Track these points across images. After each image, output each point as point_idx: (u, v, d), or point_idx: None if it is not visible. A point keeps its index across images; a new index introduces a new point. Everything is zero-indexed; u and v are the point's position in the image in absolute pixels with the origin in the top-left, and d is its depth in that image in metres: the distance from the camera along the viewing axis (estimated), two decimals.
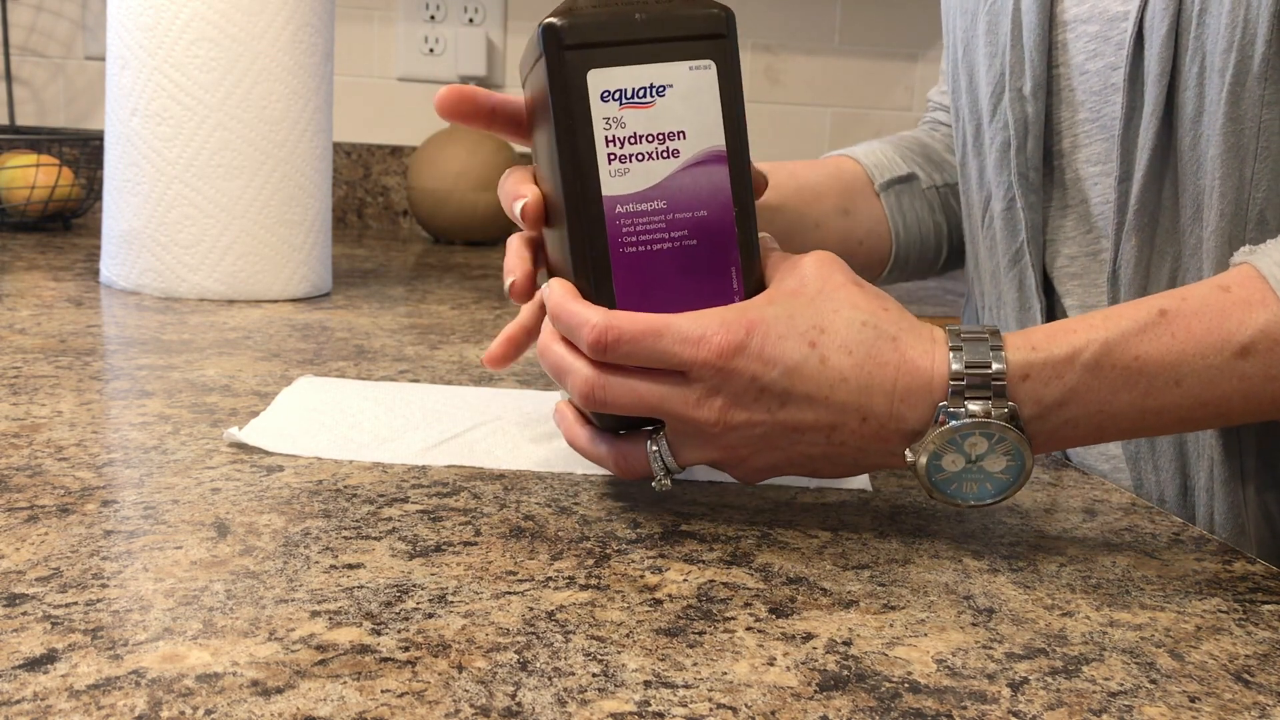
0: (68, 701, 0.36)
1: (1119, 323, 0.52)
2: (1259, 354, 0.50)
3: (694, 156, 0.54)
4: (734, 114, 0.54)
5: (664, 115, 0.53)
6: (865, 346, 0.51)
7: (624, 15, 0.53)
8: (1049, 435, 0.52)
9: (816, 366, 0.51)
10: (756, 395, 0.51)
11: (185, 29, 1.01)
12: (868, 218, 0.82)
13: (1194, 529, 0.59)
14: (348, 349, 0.88)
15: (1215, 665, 0.44)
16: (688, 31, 0.54)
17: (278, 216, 1.06)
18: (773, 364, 0.51)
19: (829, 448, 0.52)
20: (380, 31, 1.73)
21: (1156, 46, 0.62)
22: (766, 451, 0.53)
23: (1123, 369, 0.51)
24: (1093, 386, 0.51)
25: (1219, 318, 0.51)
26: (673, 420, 0.52)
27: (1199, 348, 0.51)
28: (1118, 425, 0.52)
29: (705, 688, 0.39)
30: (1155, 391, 0.51)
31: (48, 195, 1.38)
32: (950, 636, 0.45)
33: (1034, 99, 0.69)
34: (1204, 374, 0.51)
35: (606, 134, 0.53)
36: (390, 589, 0.46)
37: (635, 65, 0.53)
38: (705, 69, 0.54)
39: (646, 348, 0.51)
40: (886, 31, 1.85)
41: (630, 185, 0.53)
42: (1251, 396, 0.51)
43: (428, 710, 0.37)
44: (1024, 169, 0.70)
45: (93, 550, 0.47)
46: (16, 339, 0.84)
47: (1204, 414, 0.52)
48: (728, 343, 0.50)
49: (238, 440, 0.62)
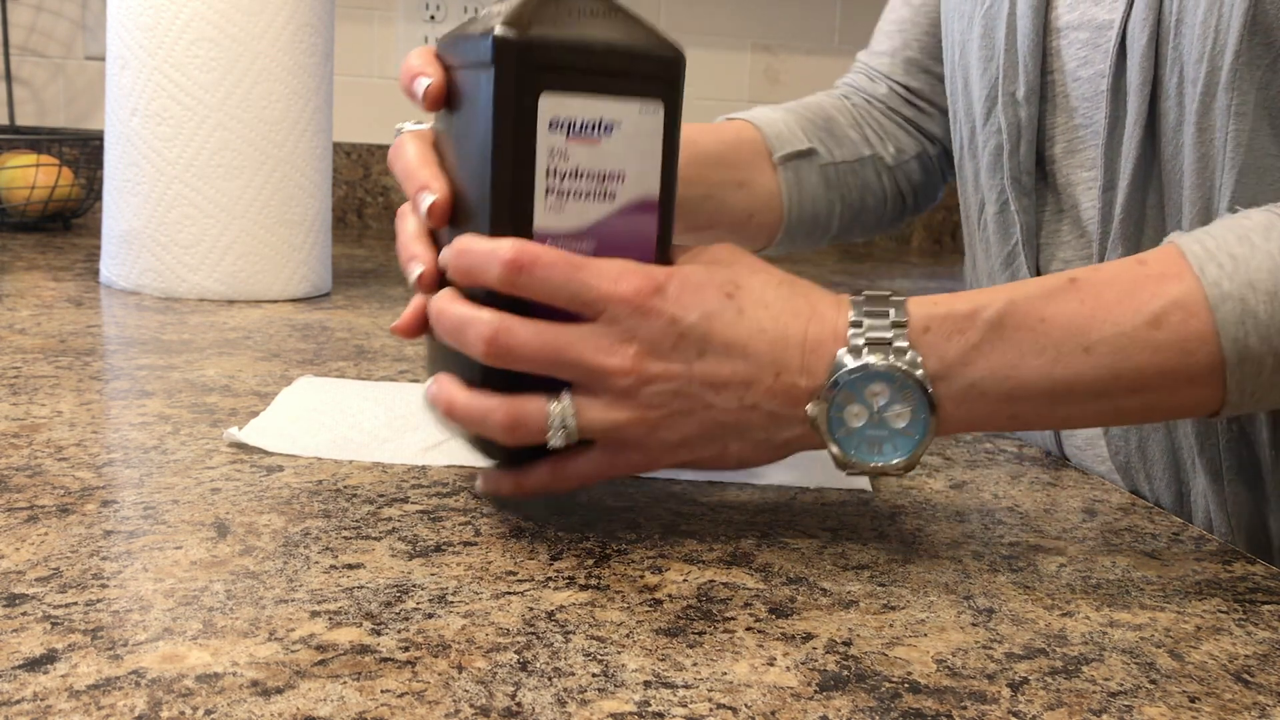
0: (68, 702, 0.36)
1: (1025, 287, 0.51)
2: (1171, 325, 0.49)
3: (628, 202, 0.52)
4: (671, 162, 0.53)
5: (608, 155, 0.51)
6: (781, 300, 0.51)
7: (585, 40, 0.50)
8: (956, 399, 0.50)
9: (734, 316, 0.50)
10: (674, 342, 0.49)
11: (185, 29, 1.01)
12: (762, 191, 0.80)
13: (1194, 529, 0.59)
14: (348, 349, 0.88)
15: (1215, 665, 0.44)
16: (644, 70, 0.51)
17: (278, 216, 1.06)
18: (691, 308, 0.49)
19: (741, 412, 0.50)
20: (380, 31, 1.73)
21: (1137, 56, 0.62)
22: (678, 417, 0.50)
23: (1028, 330, 0.49)
24: (997, 346, 0.49)
25: (1131, 287, 0.50)
26: (581, 370, 0.49)
27: (1109, 314, 0.49)
28: (1030, 396, 0.50)
29: (705, 688, 0.39)
30: (1064, 359, 0.49)
31: (48, 195, 1.38)
32: (950, 636, 0.45)
33: (1027, 104, 0.69)
34: (1114, 342, 0.49)
35: (549, 165, 0.50)
36: (390, 589, 0.46)
37: (589, 96, 0.50)
38: (654, 112, 0.52)
39: (561, 275, 0.49)
40: None
41: (563, 222, 0.51)
42: (1168, 373, 0.49)
43: (428, 710, 0.37)
44: (1016, 173, 0.70)
45: (93, 550, 0.47)
46: (16, 339, 0.84)
47: (1120, 389, 0.49)
48: (647, 281, 0.49)
49: (237, 440, 0.62)
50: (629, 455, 0.52)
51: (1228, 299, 0.48)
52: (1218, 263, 0.49)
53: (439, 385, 0.53)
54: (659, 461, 0.52)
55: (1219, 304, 0.49)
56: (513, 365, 0.50)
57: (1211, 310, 0.49)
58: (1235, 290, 0.49)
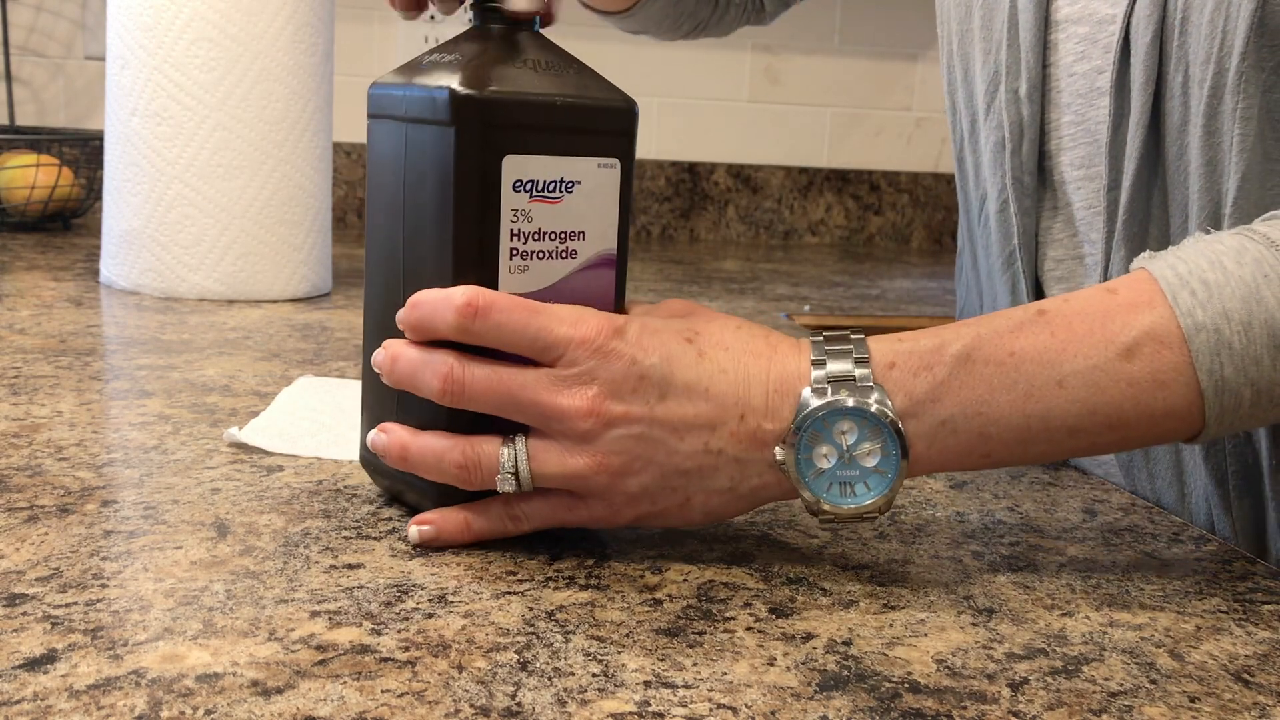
0: (68, 701, 0.36)
1: (993, 321, 0.49)
2: (1143, 356, 0.47)
3: (589, 259, 0.52)
4: (626, 216, 0.52)
5: (569, 213, 0.51)
6: (740, 343, 0.50)
7: (544, 99, 0.50)
8: (928, 438, 0.48)
9: (695, 358, 0.49)
10: (635, 384, 0.48)
11: (185, 29, 1.01)
12: None
13: (1194, 529, 0.59)
14: (348, 349, 0.88)
15: (1215, 665, 0.44)
16: (600, 125, 0.51)
17: (278, 216, 1.06)
18: (651, 351, 0.48)
19: (705, 456, 0.48)
20: (380, 31, 1.73)
21: (1141, 54, 0.61)
22: (640, 465, 0.48)
23: (997, 364, 0.48)
24: (967, 382, 0.48)
25: (1102, 318, 0.48)
26: (539, 411, 0.48)
27: (1080, 346, 0.48)
28: (1003, 434, 0.48)
29: (705, 688, 0.39)
30: (1037, 393, 0.48)
31: (48, 195, 1.38)
32: (950, 636, 0.45)
33: (1029, 101, 0.68)
34: (1087, 375, 0.48)
35: (513, 227, 0.50)
36: (390, 589, 0.46)
37: (550, 156, 0.50)
38: (611, 167, 0.51)
39: (519, 319, 0.48)
40: (886, 31, 1.85)
41: (526, 283, 0.50)
42: (1143, 405, 0.48)
43: (428, 710, 0.37)
44: (1019, 173, 0.69)
45: (93, 550, 0.47)
46: (16, 339, 0.84)
47: (1096, 425, 0.48)
48: (607, 323, 0.48)
49: (237, 440, 0.62)
50: (589, 505, 0.50)
51: (1201, 329, 0.47)
52: (1190, 290, 0.48)
53: (387, 433, 0.51)
54: (619, 514, 0.50)
55: (1193, 335, 0.47)
56: (468, 405, 0.48)
57: (1185, 341, 0.47)
58: (1209, 320, 0.47)
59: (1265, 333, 0.47)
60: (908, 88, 1.88)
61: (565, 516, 0.50)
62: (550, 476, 0.49)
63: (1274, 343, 0.47)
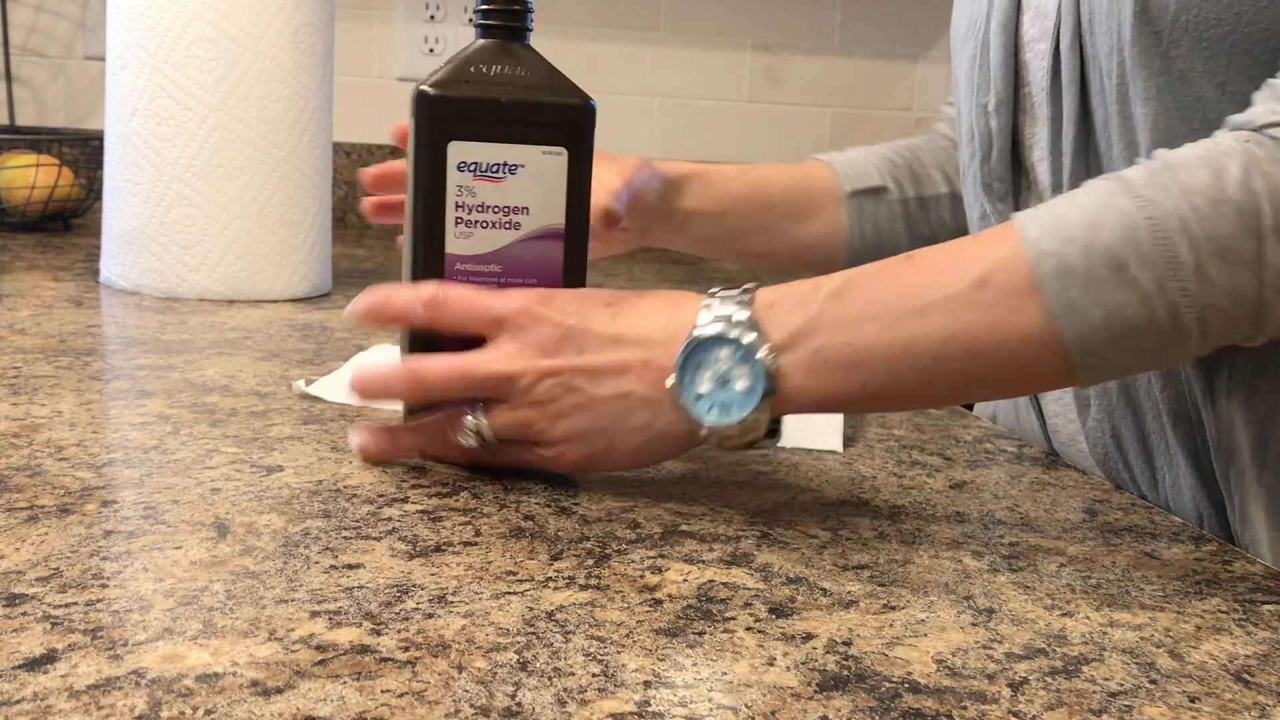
0: (68, 701, 0.36)
1: (868, 266, 0.55)
2: (996, 284, 0.51)
3: (534, 231, 0.61)
4: (578, 196, 0.61)
5: (512, 190, 0.60)
6: (652, 307, 0.57)
7: (492, 96, 0.60)
8: (805, 368, 0.53)
9: (609, 317, 0.56)
10: (558, 342, 0.56)
11: (185, 29, 1.01)
12: (823, 224, 0.92)
13: (1193, 529, 0.60)
14: (348, 349, 0.88)
15: (1215, 665, 0.44)
16: (546, 119, 0.61)
17: (278, 216, 1.06)
18: (572, 314, 0.56)
19: (618, 400, 0.55)
20: (380, 31, 1.73)
21: (1065, 56, 0.65)
22: (569, 409, 0.56)
23: (864, 300, 0.53)
24: (837, 316, 0.53)
25: (960, 253, 0.54)
26: (490, 382, 0.56)
27: (939, 279, 0.52)
28: (872, 362, 0.53)
29: (705, 688, 0.39)
30: (900, 322, 0.52)
31: (48, 195, 1.38)
32: (950, 636, 0.45)
33: (997, 114, 0.71)
34: (945, 304, 0.52)
35: (457, 200, 0.60)
36: (390, 589, 0.46)
37: (493, 143, 0.60)
38: (558, 154, 0.61)
39: (466, 302, 0.58)
40: (886, 32, 1.85)
41: (471, 247, 0.61)
42: (1000, 330, 0.51)
43: (428, 710, 0.37)
44: (988, 179, 0.73)
45: (93, 550, 0.47)
46: (16, 339, 0.84)
47: (958, 351, 0.52)
48: (537, 295, 0.57)
49: (304, 393, 0.72)
50: (537, 451, 0.58)
51: (1046, 256, 0.51)
52: (1040, 224, 0.52)
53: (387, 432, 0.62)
54: (562, 456, 0.57)
55: (1038, 261, 0.51)
56: (434, 395, 0.59)
57: (1032, 267, 0.51)
58: (1053, 247, 0.51)
59: (1104, 254, 0.50)
60: (908, 88, 1.88)
61: (524, 454, 0.59)
62: (505, 427, 0.57)
63: (1113, 263, 0.50)
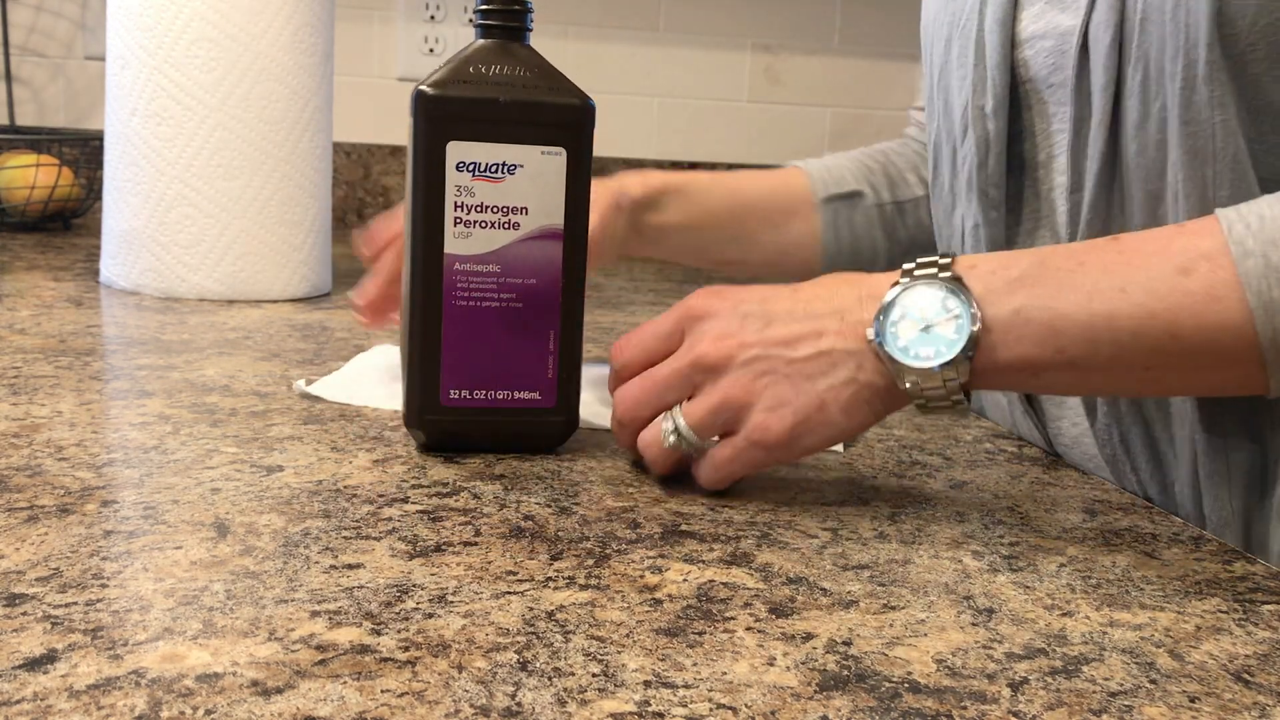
0: (68, 701, 0.36)
1: (1069, 244, 0.56)
2: (1199, 274, 0.52)
3: (533, 231, 0.61)
4: (577, 196, 0.61)
5: (511, 190, 0.60)
6: (833, 281, 0.58)
7: (491, 96, 0.59)
8: (1003, 326, 0.54)
9: (789, 294, 0.58)
10: (740, 321, 0.57)
11: (185, 29, 1.01)
12: (798, 232, 0.92)
13: (1193, 529, 0.60)
14: (348, 349, 0.88)
15: (1215, 665, 0.44)
16: (545, 119, 0.60)
17: (277, 216, 1.06)
18: (748, 300, 0.58)
19: (820, 358, 0.56)
20: (380, 31, 1.73)
21: (1101, 57, 0.64)
22: (769, 379, 0.56)
23: (1067, 271, 0.54)
24: (1039, 279, 0.54)
25: (1166, 242, 0.54)
26: (679, 380, 0.57)
27: (1143, 262, 0.53)
28: (1071, 329, 0.53)
29: (705, 688, 0.39)
30: (1101, 295, 0.53)
31: (48, 195, 1.38)
32: (950, 636, 0.45)
33: (995, 117, 0.71)
34: (1147, 285, 0.52)
35: (456, 199, 0.60)
36: (390, 589, 0.46)
37: (492, 143, 0.60)
38: (556, 155, 0.60)
39: (640, 332, 0.60)
40: (886, 32, 1.85)
41: (470, 247, 0.60)
42: (1200, 316, 0.52)
43: (428, 710, 0.37)
44: (984, 185, 0.72)
45: (93, 550, 0.47)
46: (16, 339, 0.84)
47: (1156, 330, 0.52)
48: (705, 291, 0.59)
49: (304, 392, 0.72)
50: (746, 431, 0.57)
51: (1250, 255, 0.51)
52: (1245, 223, 0.52)
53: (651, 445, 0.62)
54: (771, 427, 0.56)
55: (1241, 259, 0.51)
56: (641, 416, 0.59)
57: (1235, 264, 0.51)
58: (1258, 247, 0.51)
59: None
60: (908, 88, 1.88)
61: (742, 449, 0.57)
62: (701, 417, 0.57)
63: None
